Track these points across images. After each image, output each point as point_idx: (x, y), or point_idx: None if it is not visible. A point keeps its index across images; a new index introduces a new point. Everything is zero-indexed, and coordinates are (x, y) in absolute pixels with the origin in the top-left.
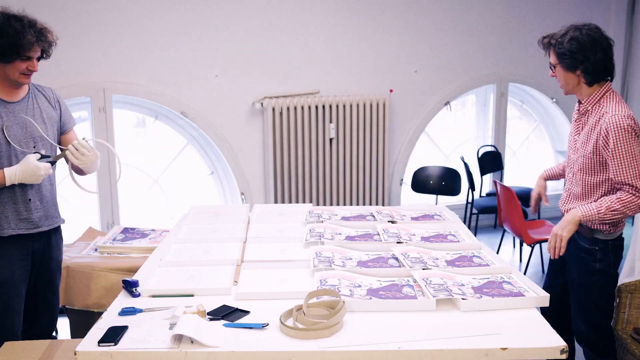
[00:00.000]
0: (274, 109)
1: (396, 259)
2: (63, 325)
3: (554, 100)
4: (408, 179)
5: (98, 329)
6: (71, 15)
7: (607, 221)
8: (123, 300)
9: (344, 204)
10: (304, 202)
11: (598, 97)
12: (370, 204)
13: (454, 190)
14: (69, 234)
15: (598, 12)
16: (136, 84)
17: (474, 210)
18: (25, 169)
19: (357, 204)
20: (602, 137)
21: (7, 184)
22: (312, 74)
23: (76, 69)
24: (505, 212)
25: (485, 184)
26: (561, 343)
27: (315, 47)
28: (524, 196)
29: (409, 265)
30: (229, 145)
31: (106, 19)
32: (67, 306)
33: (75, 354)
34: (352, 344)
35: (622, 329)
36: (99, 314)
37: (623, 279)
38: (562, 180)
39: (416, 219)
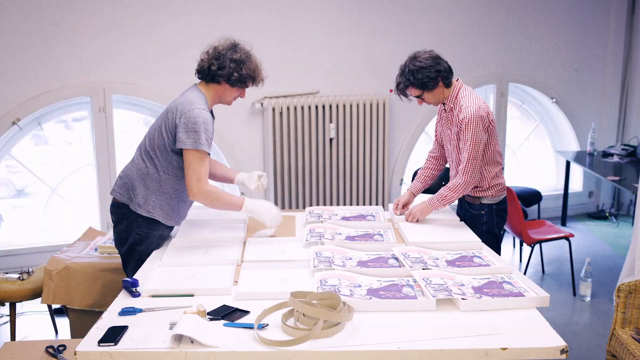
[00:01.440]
0: (274, 109)
1: (396, 259)
2: (63, 325)
3: (554, 100)
4: (408, 179)
5: (98, 329)
6: (71, 16)
7: (446, 204)
8: (123, 300)
9: (344, 204)
10: (304, 201)
11: (455, 94)
12: (370, 204)
13: None
14: (69, 234)
15: (598, 12)
16: (136, 84)
17: None
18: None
19: (357, 204)
20: (459, 123)
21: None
22: (312, 74)
23: (76, 69)
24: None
25: None
26: (561, 343)
27: (315, 47)
28: (524, 196)
29: (409, 265)
30: (229, 145)
31: (106, 20)
32: (67, 306)
33: (75, 354)
34: (352, 344)
35: (622, 329)
36: (99, 313)
37: (623, 278)
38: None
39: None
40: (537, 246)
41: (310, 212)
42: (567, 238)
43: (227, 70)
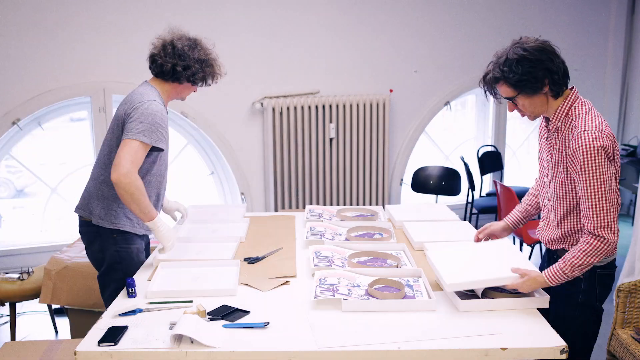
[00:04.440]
0: (274, 109)
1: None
2: (63, 325)
3: None
4: (408, 179)
5: (98, 329)
6: (71, 15)
7: (579, 275)
8: (123, 300)
9: (344, 204)
10: (304, 202)
11: (566, 110)
12: (370, 204)
13: (454, 190)
14: (69, 234)
15: (598, 12)
16: (136, 84)
17: (474, 210)
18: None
19: (357, 204)
20: (571, 156)
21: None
22: (312, 74)
23: (76, 69)
24: (505, 212)
25: (486, 184)
26: (561, 343)
27: (315, 47)
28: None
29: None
30: (229, 145)
31: (106, 19)
32: (67, 306)
33: (75, 354)
34: (352, 344)
35: (622, 329)
36: (99, 314)
37: (623, 279)
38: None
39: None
40: (537, 246)
41: (311, 210)
42: None
43: (191, 70)
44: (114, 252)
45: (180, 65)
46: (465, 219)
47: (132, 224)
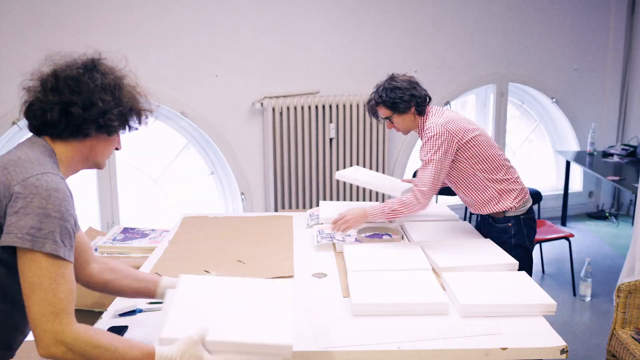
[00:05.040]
0: (274, 109)
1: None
2: None
3: (554, 100)
4: (408, 179)
5: None
6: (71, 15)
7: (391, 219)
8: (123, 300)
9: None
10: (304, 202)
11: (424, 122)
12: None
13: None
14: None
15: (598, 12)
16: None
17: None
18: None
19: None
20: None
21: None
22: (312, 74)
23: None
24: None
25: None
26: (561, 343)
27: (315, 47)
28: None
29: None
30: (229, 145)
31: (106, 19)
32: None
33: None
34: (352, 344)
35: (622, 329)
36: (99, 314)
37: (623, 279)
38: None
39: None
40: (537, 246)
41: (311, 214)
42: (567, 238)
43: (99, 108)
44: None
45: (78, 103)
46: (465, 219)
47: None
